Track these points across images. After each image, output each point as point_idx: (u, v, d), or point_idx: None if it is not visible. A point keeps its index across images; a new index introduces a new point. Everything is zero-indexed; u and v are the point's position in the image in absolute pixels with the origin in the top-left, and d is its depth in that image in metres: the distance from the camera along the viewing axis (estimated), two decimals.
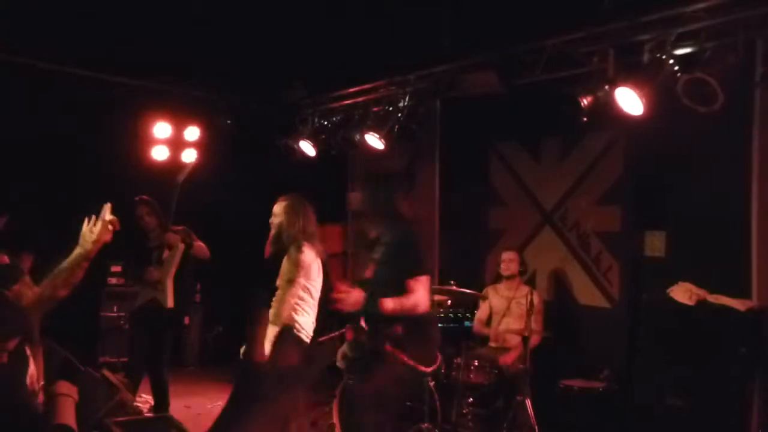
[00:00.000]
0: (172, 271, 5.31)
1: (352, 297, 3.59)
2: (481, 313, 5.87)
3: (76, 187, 6.69)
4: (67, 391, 2.65)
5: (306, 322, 4.23)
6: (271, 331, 4.12)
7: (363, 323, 3.63)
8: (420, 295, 3.52)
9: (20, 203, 5.89)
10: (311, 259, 4.27)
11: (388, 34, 6.31)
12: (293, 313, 4.17)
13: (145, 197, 5.46)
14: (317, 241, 4.38)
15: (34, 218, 6.02)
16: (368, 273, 3.76)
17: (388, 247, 3.70)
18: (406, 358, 3.47)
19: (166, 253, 5.28)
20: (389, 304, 3.50)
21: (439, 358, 3.78)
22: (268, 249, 4.59)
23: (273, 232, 4.49)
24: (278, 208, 4.52)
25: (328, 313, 4.23)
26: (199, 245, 5.40)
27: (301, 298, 4.25)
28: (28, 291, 3.14)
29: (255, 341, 3.59)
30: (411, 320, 3.57)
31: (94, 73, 6.66)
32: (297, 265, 4.26)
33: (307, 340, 4.17)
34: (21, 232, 5.59)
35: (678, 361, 4.62)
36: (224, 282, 7.18)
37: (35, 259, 5.75)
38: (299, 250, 4.29)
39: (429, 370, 3.61)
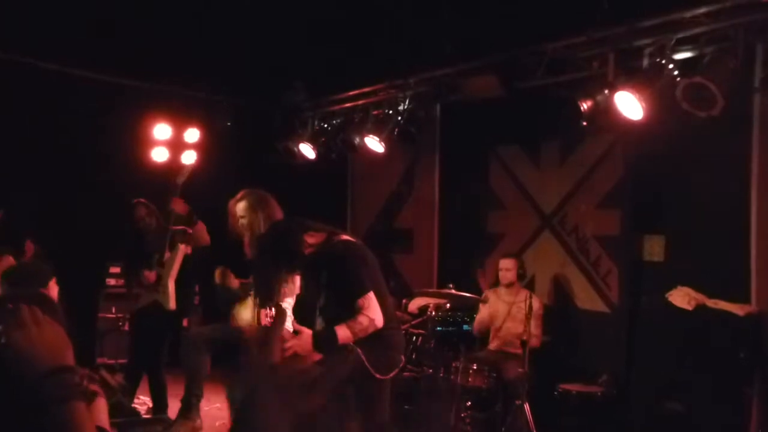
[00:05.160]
0: (174, 272, 5.26)
1: (303, 340, 3.35)
2: (482, 315, 5.85)
3: (77, 188, 6.70)
4: (97, 390, 2.66)
5: None
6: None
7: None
8: (373, 310, 3.31)
9: (19, 203, 5.90)
10: None
11: (388, 37, 6.32)
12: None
13: (142, 200, 5.46)
14: None
15: (30, 213, 6.04)
16: (321, 301, 3.55)
17: (327, 270, 3.49)
18: (364, 359, 3.31)
19: (167, 255, 5.26)
20: (345, 332, 3.28)
21: (401, 363, 3.55)
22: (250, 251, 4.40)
23: (247, 233, 4.31)
24: (241, 207, 4.37)
25: None
26: (200, 227, 5.30)
27: None
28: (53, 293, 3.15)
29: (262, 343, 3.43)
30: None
31: (94, 74, 6.67)
32: None
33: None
34: (19, 223, 5.60)
35: (677, 365, 4.62)
36: None
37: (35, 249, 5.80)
38: None
39: (383, 378, 3.40)
